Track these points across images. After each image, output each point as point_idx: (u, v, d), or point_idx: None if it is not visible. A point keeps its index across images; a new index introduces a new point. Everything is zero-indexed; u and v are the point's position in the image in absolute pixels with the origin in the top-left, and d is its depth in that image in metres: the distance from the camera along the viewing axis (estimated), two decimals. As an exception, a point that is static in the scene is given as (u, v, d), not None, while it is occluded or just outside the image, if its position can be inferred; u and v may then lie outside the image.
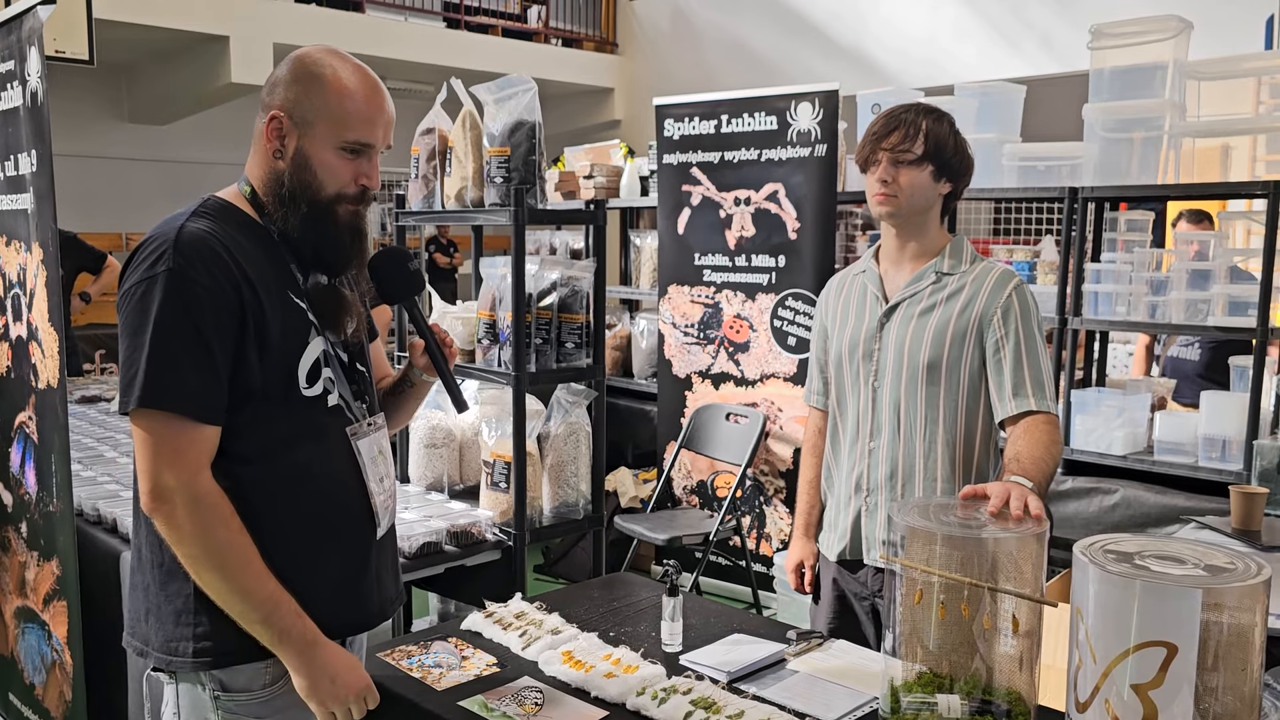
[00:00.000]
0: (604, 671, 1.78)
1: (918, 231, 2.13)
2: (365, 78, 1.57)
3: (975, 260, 2.14)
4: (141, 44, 8.63)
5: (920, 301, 2.11)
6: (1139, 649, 1.22)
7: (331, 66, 1.55)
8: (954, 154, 2.09)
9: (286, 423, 1.55)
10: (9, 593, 3.01)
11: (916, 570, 1.51)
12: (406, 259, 1.72)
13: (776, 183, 4.32)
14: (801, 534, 2.39)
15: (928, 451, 2.10)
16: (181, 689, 1.57)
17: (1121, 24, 3.70)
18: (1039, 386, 2.02)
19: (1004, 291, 2.06)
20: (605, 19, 11.43)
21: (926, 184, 2.07)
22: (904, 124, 2.06)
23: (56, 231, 2.58)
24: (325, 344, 1.60)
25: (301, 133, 1.54)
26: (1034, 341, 2.04)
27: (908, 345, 2.10)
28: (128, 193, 10.18)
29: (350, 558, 1.64)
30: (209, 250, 1.47)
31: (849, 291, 2.26)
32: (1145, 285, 3.63)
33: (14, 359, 2.84)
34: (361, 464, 1.63)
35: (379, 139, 1.58)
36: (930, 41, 8.50)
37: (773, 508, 4.44)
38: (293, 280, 1.58)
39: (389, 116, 1.60)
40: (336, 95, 1.53)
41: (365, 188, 1.59)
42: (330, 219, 1.57)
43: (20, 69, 2.57)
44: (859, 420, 2.19)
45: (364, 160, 1.57)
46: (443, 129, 3.14)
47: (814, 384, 2.38)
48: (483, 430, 3.14)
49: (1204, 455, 3.44)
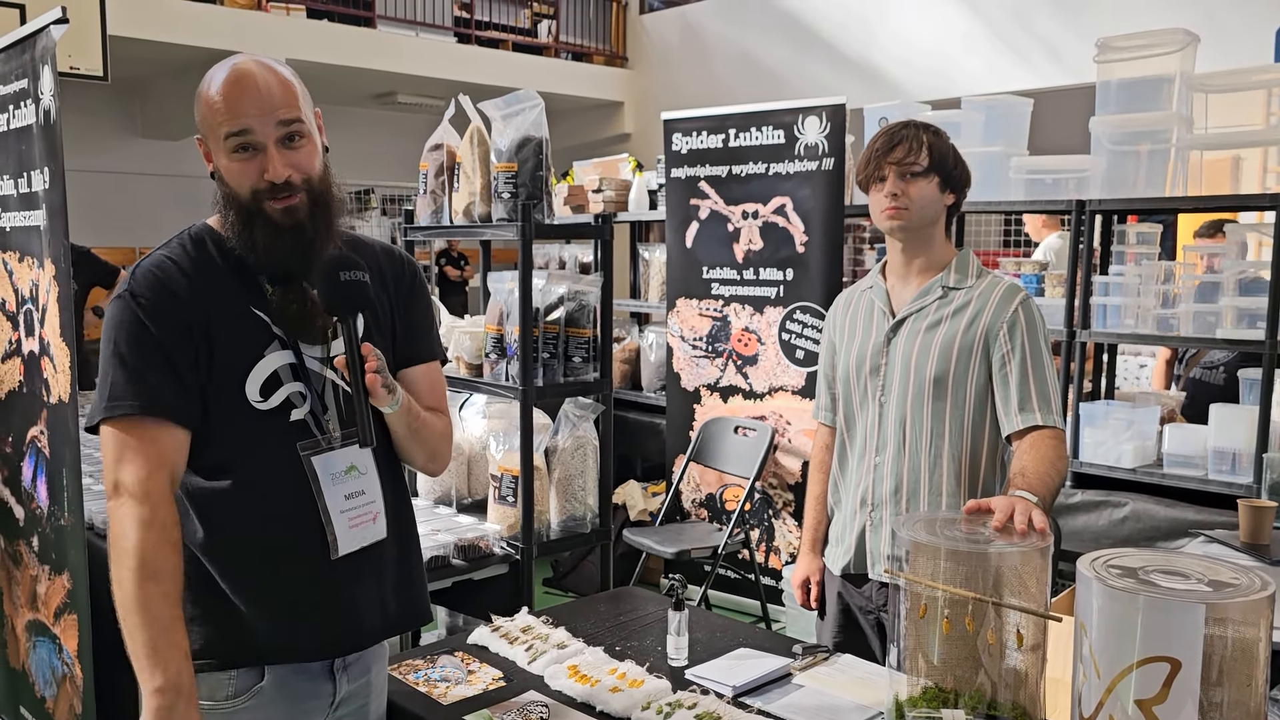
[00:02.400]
0: (609, 686, 1.78)
1: (924, 245, 2.14)
2: (230, 72, 1.51)
3: (982, 274, 2.15)
4: (155, 60, 8.71)
5: (927, 316, 2.12)
6: (1143, 664, 1.22)
7: (208, 76, 1.54)
8: (955, 166, 2.12)
9: (232, 437, 1.54)
10: (20, 606, 3.03)
11: (921, 585, 1.51)
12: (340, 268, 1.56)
13: (784, 196, 4.33)
14: (808, 549, 2.39)
15: (933, 466, 2.10)
16: None
17: (1128, 37, 3.70)
18: (1045, 401, 2.02)
19: (1010, 306, 2.07)
20: (615, 33, 11.49)
21: (934, 195, 2.09)
22: (906, 139, 2.08)
23: (69, 248, 2.60)
24: (292, 357, 1.58)
25: (209, 147, 1.56)
26: (1040, 356, 2.04)
27: (914, 360, 2.11)
28: (140, 207, 10.26)
29: (298, 577, 1.58)
30: (160, 272, 1.53)
31: (856, 307, 2.27)
32: (1154, 298, 3.62)
33: (26, 374, 2.86)
34: (316, 481, 1.57)
35: (255, 124, 1.49)
36: (938, 54, 8.52)
37: (781, 521, 4.44)
38: (258, 293, 1.57)
39: (260, 97, 1.50)
40: (204, 101, 1.53)
41: (273, 181, 1.51)
42: (260, 218, 1.53)
43: (34, 87, 2.60)
44: (866, 435, 2.19)
45: (259, 153, 1.51)
46: (450, 144, 3.16)
47: (822, 400, 2.38)
48: (490, 444, 3.15)
49: (1214, 468, 3.43)
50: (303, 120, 1.54)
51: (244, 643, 1.54)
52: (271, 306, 1.57)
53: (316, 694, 1.61)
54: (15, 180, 2.79)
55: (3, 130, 2.83)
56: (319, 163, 1.58)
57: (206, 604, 1.53)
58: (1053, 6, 7.90)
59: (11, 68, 2.73)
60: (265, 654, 1.55)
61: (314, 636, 1.54)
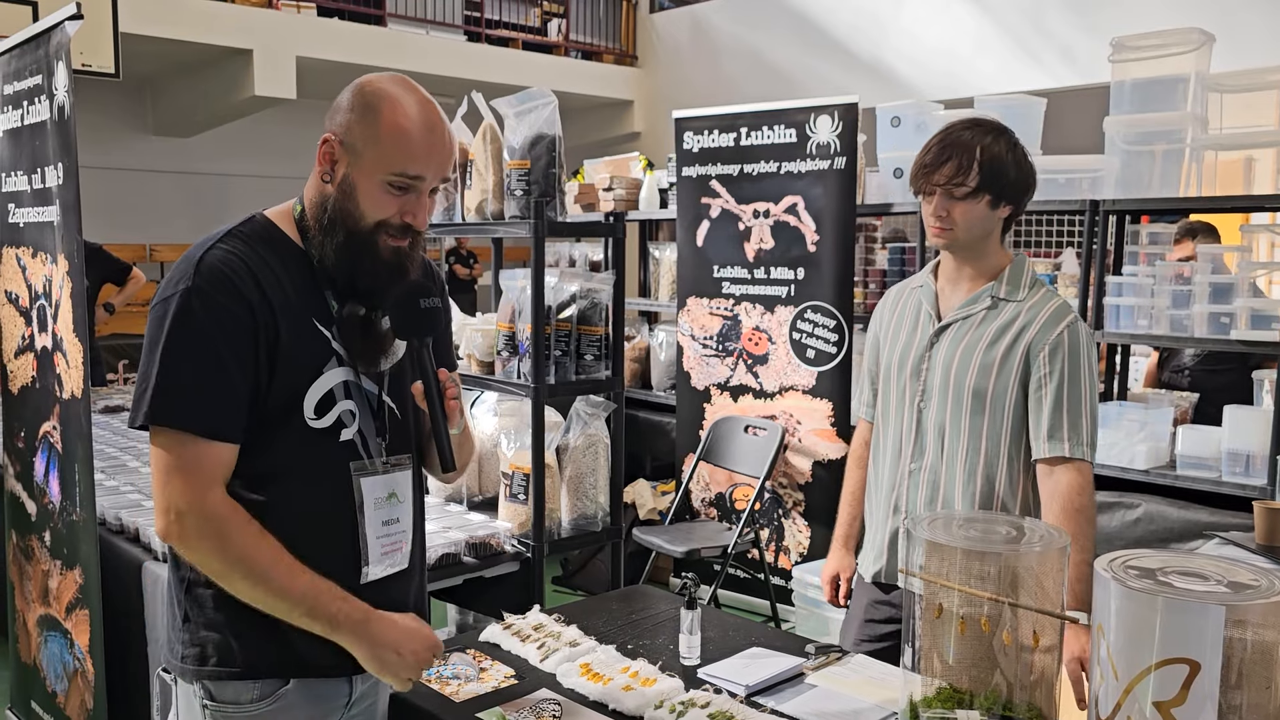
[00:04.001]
0: (622, 684, 1.78)
1: (976, 255, 2.06)
2: (425, 113, 1.52)
3: (1034, 286, 2.06)
4: (166, 57, 8.74)
5: (972, 325, 2.05)
6: (1161, 666, 1.21)
7: (391, 98, 1.51)
8: (1014, 173, 1.99)
9: (283, 451, 1.52)
10: (32, 601, 3.04)
11: (937, 585, 1.50)
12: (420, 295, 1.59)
13: (795, 195, 4.32)
14: (840, 545, 2.34)
15: (967, 480, 2.05)
16: (180, 691, 1.59)
17: (1143, 36, 3.69)
18: (1076, 432, 1.95)
19: (1057, 327, 1.99)
20: (625, 32, 11.48)
21: (983, 214, 1.99)
22: (957, 153, 1.97)
23: (82, 244, 2.61)
24: (349, 375, 1.56)
25: (351, 160, 1.51)
26: (1079, 383, 1.97)
27: (954, 369, 2.04)
28: (152, 204, 10.30)
29: None
30: (229, 270, 1.47)
31: (904, 305, 2.20)
32: (1167, 298, 3.61)
33: (39, 369, 2.87)
34: (360, 503, 1.57)
35: (430, 174, 1.52)
36: (950, 53, 8.49)
37: (791, 520, 4.43)
38: (323, 306, 1.55)
39: (445, 153, 1.54)
40: (390, 127, 1.50)
41: (409, 224, 1.53)
42: (370, 249, 1.53)
43: (48, 83, 2.61)
44: (901, 439, 2.14)
45: (411, 196, 1.52)
46: (463, 142, 3.16)
47: (864, 394, 2.32)
48: (501, 442, 3.15)
49: (1227, 470, 3.41)
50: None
51: (269, 656, 1.54)
52: (336, 324, 1.56)
53: (335, 695, 1.62)
54: (29, 176, 2.79)
55: (17, 126, 2.84)
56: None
57: (233, 612, 1.52)
58: (1064, 6, 7.87)
59: (25, 63, 2.74)
60: (289, 667, 1.55)
61: (336, 655, 1.53)
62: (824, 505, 4.31)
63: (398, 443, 1.65)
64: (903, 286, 2.25)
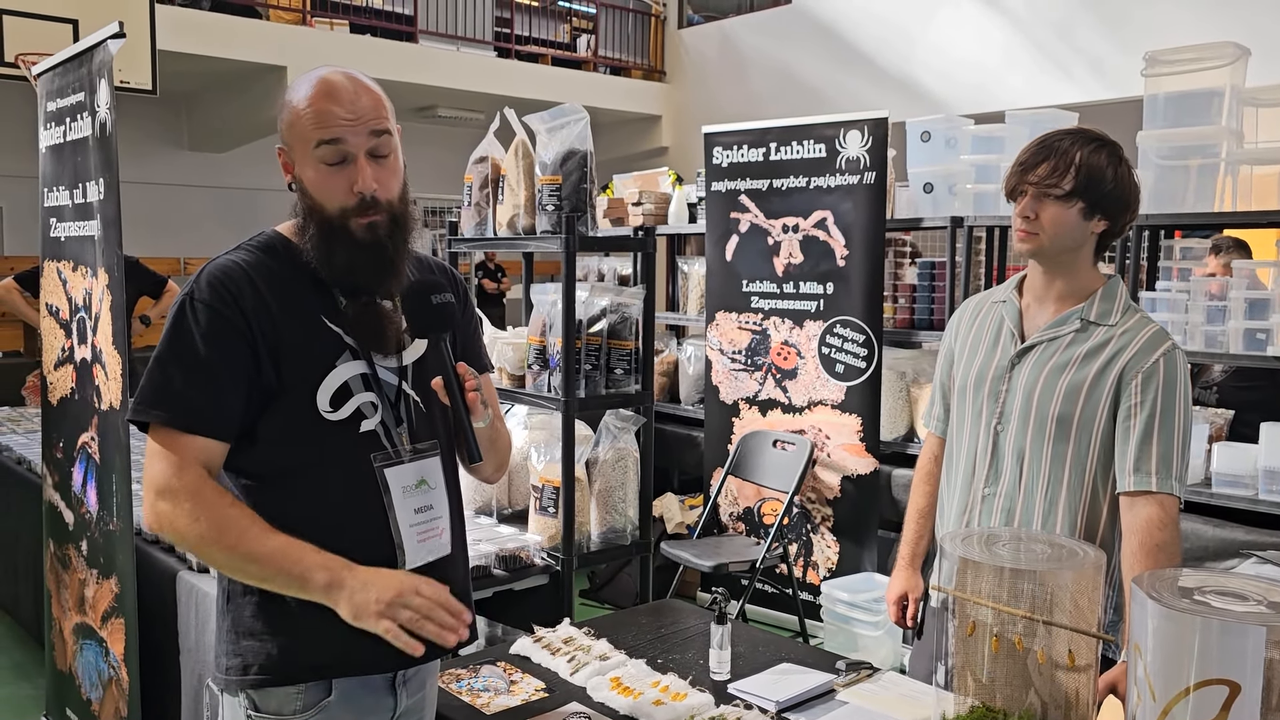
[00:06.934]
0: (652, 699, 1.78)
1: (1065, 271, 1.94)
2: (322, 81, 1.51)
3: (1128, 311, 1.94)
4: (202, 75, 8.88)
5: (1059, 348, 1.93)
6: (1200, 687, 1.20)
7: (293, 87, 1.54)
8: (1112, 187, 1.88)
9: (303, 446, 1.54)
10: (68, 609, 3.08)
11: (970, 602, 1.50)
12: (431, 291, 1.60)
13: (825, 210, 4.32)
14: (906, 564, 2.23)
15: (1048, 511, 1.93)
16: (226, 702, 1.60)
17: (1176, 50, 3.66)
18: (1165, 466, 1.84)
19: (1152, 355, 1.86)
20: (653, 47, 11.54)
21: (1074, 222, 1.88)
22: (1056, 154, 1.87)
23: (122, 257, 2.65)
24: (365, 368, 1.58)
25: (291, 159, 1.56)
26: (1172, 416, 1.85)
27: (1038, 394, 1.92)
28: (187, 218, 10.45)
29: None
30: (226, 278, 1.52)
31: (984, 320, 2.08)
32: (1202, 314, 3.57)
33: (79, 381, 2.91)
34: (388, 493, 1.58)
35: (348, 134, 1.49)
36: (979, 67, 8.47)
37: (820, 536, 4.41)
38: (333, 305, 1.58)
39: (355, 108, 1.50)
40: (293, 109, 1.52)
41: (363, 195, 1.51)
42: (343, 236, 1.53)
43: (90, 100, 2.66)
44: (975, 461, 2.02)
45: (350, 167, 1.51)
46: (495, 157, 3.19)
47: (936, 409, 2.20)
48: (532, 455, 3.16)
49: (1264, 488, 3.36)
50: (391, 133, 1.56)
51: (309, 657, 1.55)
52: (345, 318, 1.58)
53: (379, 708, 1.61)
54: (71, 191, 2.84)
55: (59, 142, 2.89)
56: (401, 180, 1.59)
57: (270, 615, 1.54)
58: (1094, 20, 7.83)
59: (69, 81, 2.79)
60: (329, 667, 1.55)
61: (378, 649, 1.50)
62: (852, 521, 4.29)
63: (423, 431, 1.65)
64: (982, 299, 2.13)
